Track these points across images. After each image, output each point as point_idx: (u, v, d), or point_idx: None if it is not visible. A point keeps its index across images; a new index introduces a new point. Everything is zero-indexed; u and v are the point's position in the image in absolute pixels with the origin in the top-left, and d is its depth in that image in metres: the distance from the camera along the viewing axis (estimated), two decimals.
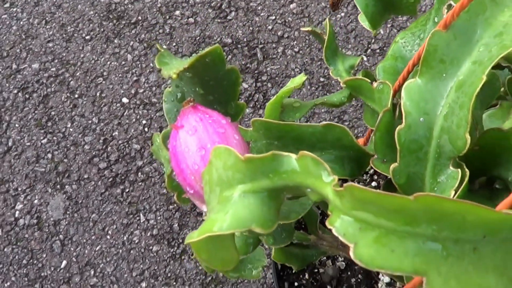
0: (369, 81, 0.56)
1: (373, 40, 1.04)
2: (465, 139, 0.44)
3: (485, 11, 0.44)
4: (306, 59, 1.05)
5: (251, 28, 1.08)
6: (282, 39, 1.07)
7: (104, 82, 1.07)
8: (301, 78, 0.59)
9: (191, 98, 0.46)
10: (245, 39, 1.08)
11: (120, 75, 1.08)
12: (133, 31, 1.12)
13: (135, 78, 1.07)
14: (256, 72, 1.05)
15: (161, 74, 0.43)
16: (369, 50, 1.03)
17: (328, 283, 0.69)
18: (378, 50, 1.03)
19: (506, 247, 0.35)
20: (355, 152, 0.53)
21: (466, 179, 0.44)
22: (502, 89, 0.53)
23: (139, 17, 1.15)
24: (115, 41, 1.12)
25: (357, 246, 0.30)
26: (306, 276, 0.69)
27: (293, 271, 0.69)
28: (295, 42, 1.07)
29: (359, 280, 0.69)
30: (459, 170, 0.46)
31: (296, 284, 0.68)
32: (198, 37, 1.09)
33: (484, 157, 0.50)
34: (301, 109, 0.61)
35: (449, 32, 0.45)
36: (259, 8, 1.11)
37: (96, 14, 1.17)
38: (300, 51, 1.06)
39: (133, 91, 1.06)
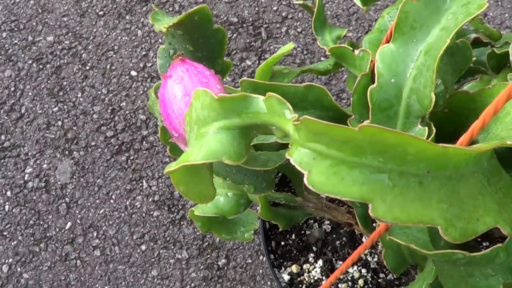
0: (351, 49, 0.59)
1: (373, 23, 1.07)
2: (430, 97, 0.48)
3: None
4: (308, 39, 1.08)
5: (256, 9, 1.12)
6: (286, 20, 1.11)
7: (114, 55, 1.12)
8: (290, 45, 0.63)
9: (182, 53, 0.50)
10: (250, 19, 1.12)
11: (130, 49, 1.12)
12: (144, 8, 1.17)
13: (144, 53, 1.12)
14: (259, 50, 1.09)
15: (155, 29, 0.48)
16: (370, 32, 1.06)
17: (313, 244, 0.73)
18: None
19: (452, 185, 0.38)
20: (334, 113, 0.56)
21: (432, 135, 0.48)
22: (474, 58, 0.57)
23: None
24: (127, 17, 1.16)
25: (310, 174, 0.33)
26: (293, 236, 0.73)
27: (280, 230, 0.73)
28: (298, 23, 1.10)
29: (343, 242, 0.72)
30: (426, 128, 0.49)
31: (282, 243, 0.72)
32: None
33: (454, 120, 0.54)
34: (289, 75, 0.65)
35: (420, 2, 0.48)
36: None
37: None
38: (303, 32, 1.09)
39: (141, 65, 1.10)
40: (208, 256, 0.93)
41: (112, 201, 0.99)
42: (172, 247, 0.95)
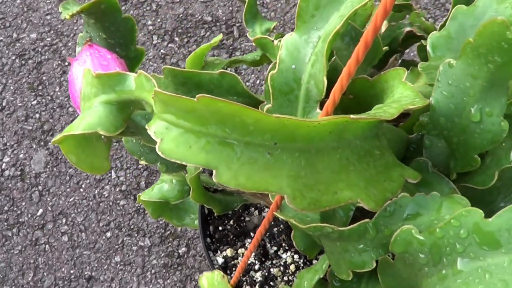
0: (272, 39, 0.62)
1: None
2: (322, 82, 0.50)
3: None
4: None
5: (230, 8, 1.16)
6: None
7: None
8: (218, 37, 0.66)
9: (90, 38, 0.54)
10: (224, 18, 1.15)
11: None
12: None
13: None
14: (231, 48, 1.12)
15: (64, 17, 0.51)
16: None
17: (251, 230, 0.75)
18: None
19: (306, 158, 0.41)
20: (248, 99, 0.59)
21: None
22: (386, 48, 0.59)
23: None
24: None
25: (162, 142, 0.36)
26: (231, 222, 0.76)
27: (219, 216, 0.76)
28: None
29: (280, 229, 0.75)
30: None
31: (220, 228, 0.75)
32: (181, 15, 1.17)
33: (359, 106, 0.56)
34: (219, 65, 0.68)
35: None
36: None
37: None
38: (274, 30, 1.12)
39: None
40: (170, 244, 0.97)
41: (81, 190, 1.03)
42: (136, 234, 0.98)
